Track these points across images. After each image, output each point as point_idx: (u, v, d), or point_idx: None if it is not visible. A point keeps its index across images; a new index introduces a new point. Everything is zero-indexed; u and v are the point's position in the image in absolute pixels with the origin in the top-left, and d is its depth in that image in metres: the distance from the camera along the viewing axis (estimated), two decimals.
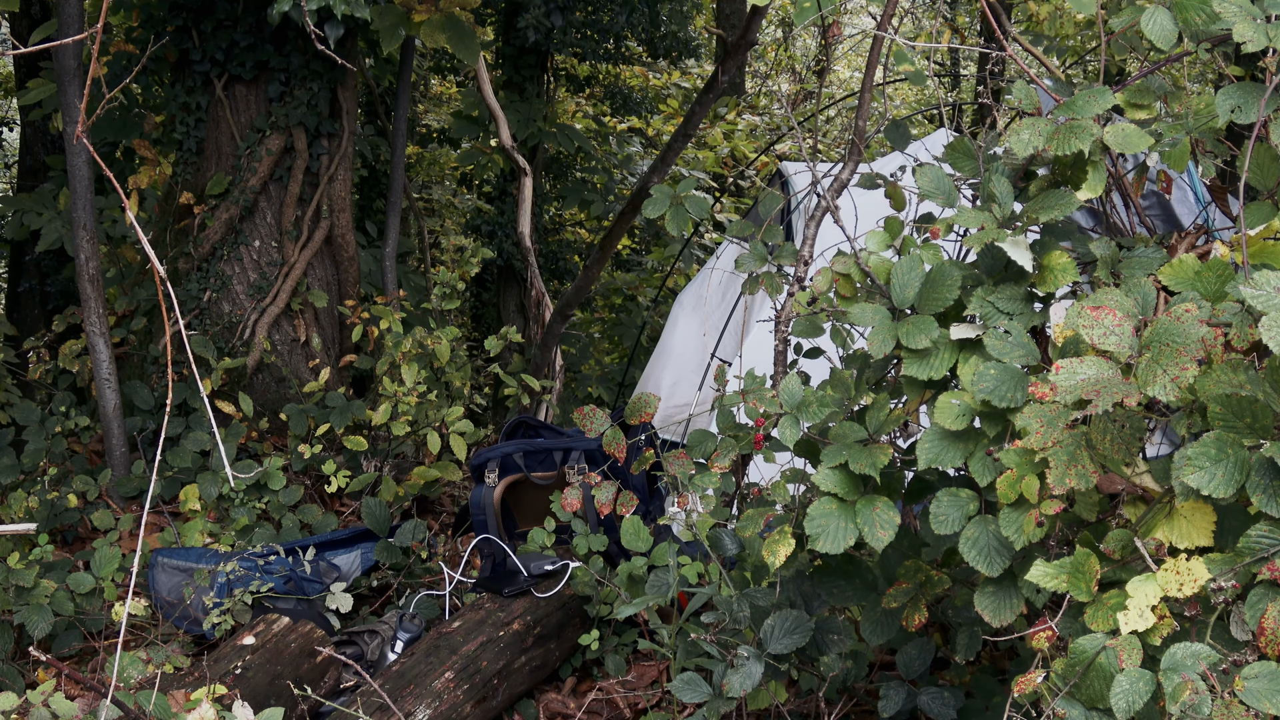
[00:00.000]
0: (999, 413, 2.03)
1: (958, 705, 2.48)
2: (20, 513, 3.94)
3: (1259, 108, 2.01)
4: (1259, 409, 1.69)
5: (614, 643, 3.42)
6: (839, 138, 10.40)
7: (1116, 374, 1.76)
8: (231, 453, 4.35)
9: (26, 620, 3.33)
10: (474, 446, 5.00)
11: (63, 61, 3.96)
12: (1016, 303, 2.18)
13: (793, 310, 2.55)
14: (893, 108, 10.53)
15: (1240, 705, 1.62)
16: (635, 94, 8.24)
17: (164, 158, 4.82)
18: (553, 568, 3.46)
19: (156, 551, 3.76)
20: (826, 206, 2.67)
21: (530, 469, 3.91)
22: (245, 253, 4.75)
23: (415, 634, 3.40)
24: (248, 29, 4.55)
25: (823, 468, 2.21)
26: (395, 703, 2.86)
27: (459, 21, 4.50)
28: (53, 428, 4.28)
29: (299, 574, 3.65)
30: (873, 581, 2.49)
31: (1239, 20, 1.99)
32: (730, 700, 2.45)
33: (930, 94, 10.91)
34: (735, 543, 2.85)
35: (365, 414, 4.44)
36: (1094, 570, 1.86)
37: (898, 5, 2.92)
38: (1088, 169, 2.19)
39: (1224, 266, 1.94)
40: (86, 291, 4.12)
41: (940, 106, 3.20)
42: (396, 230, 5.29)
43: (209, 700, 2.44)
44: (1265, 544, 1.71)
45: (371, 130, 6.63)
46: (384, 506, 3.83)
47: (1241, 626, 1.74)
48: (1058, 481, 1.84)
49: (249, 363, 4.66)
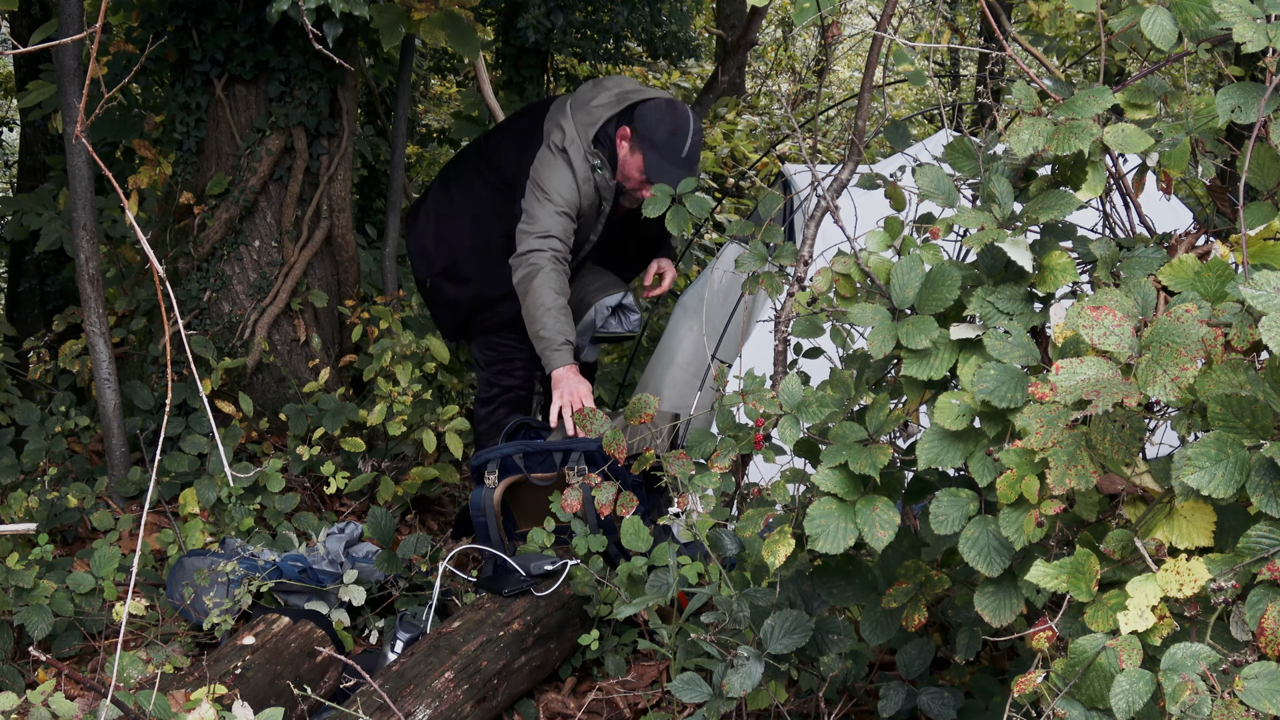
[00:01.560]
0: (999, 413, 2.03)
1: (958, 705, 2.48)
2: (20, 513, 3.94)
3: (1259, 108, 2.01)
4: (1259, 409, 1.69)
5: (614, 643, 3.43)
6: (839, 138, 10.40)
7: (1116, 374, 1.76)
8: (230, 454, 4.36)
9: (26, 620, 3.33)
10: (472, 446, 5.00)
11: (62, 61, 3.96)
12: (1016, 303, 2.18)
13: (793, 310, 2.55)
14: (893, 108, 10.54)
15: (1240, 705, 1.62)
16: None
17: (164, 158, 4.82)
18: (552, 567, 3.46)
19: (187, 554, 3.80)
20: (826, 207, 2.67)
21: (530, 470, 3.91)
22: (245, 253, 4.75)
23: (415, 634, 3.40)
24: (247, 29, 4.55)
25: (822, 468, 2.21)
26: (395, 703, 2.86)
27: (459, 19, 4.50)
28: (53, 428, 4.28)
29: (313, 566, 3.67)
30: (873, 581, 2.49)
31: (1239, 20, 1.99)
32: (730, 700, 2.45)
33: (930, 94, 10.92)
34: (735, 543, 2.85)
35: (359, 415, 4.44)
36: (1094, 570, 1.86)
37: (898, 5, 2.92)
38: (1088, 169, 2.19)
39: (1224, 266, 1.94)
40: (86, 291, 4.12)
41: (940, 106, 3.20)
42: (396, 230, 5.29)
43: (209, 700, 2.44)
44: (1265, 544, 1.71)
45: (371, 130, 6.63)
46: (390, 517, 3.84)
47: (1241, 626, 1.74)
48: (1058, 482, 1.84)
49: (249, 363, 4.66)
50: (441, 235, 4.27)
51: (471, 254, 4.21)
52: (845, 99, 9.63)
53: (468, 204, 4.23)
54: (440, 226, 4.28)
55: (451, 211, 4.27)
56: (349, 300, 4.92)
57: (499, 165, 4.19)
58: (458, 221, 4.25)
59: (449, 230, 4.26)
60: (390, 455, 4.56)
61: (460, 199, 4.26)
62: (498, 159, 4.21)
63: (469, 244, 4.21)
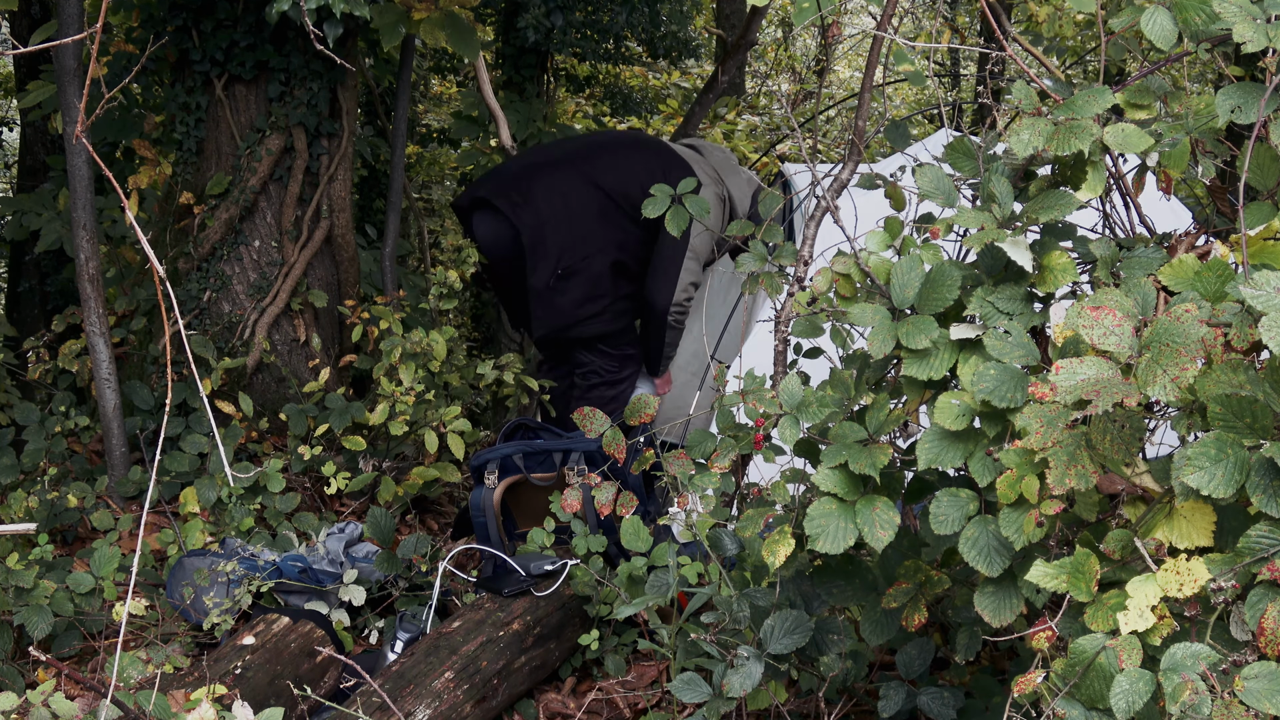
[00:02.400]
0: (999, 413, 2.03)
1: (958, 705, 2.48)
2: (20, 513, 3.94)
3: (1259, 108, 2.01)
4: (1259, 409, 1.69)
5: (614, 643, 3.43)
6: (839, 138, 10.40)
7: (1116, 374, 1.76)
8: (230, 453, 4.35)
9: (26, 620, 3.33)
10: (473, 447, 5.00)
11: (62, 62, 3.96)
12: (1016, 303, 2.18)
13: (793, 310, 2.55)
14: (893, 108, 10.54)
15: (1240, 705, 1.62)
16: (635, 94, 8.24)
17: (164, 158, 4.82)
18: (552, 567, 3.46)
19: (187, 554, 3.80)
20: (826, 207, 2.67)
21: (530, 470, 3.91)
22: (245, 253, 4.75)
23: (415, 634, 3.40)
24: (247, 29, 4.55)
25: (822, 468, 2.21)
26: (395, 703, 2.86)
27: (459, 19, 4.50)
28: (52, 428, 4.28)
29: (313, 566, 3.67)
30: (873, 581, 2.49)
31: (1239, 20, 1.99)
32: (730, 700, 2.45)
33: (930, 94, 10.91)
34: (735, 543, 2.85)
35: (364, 415, 4.44)
36: (1094, 570, 1.86)
37: (898, 5, 2.92)
38: (1088, 169, 2.19)
39: (1224, 266, 1.94)
40: (86, 291, 4.12)
41: (940, 106, 3.20)
42: (396, 230, 5.29)
43: (209, 700, 2.44)
44: (1265, 544, 1.71)
45: (371, 130, 6.62)
46: (389, 517, 3.84)
47: (1241, 626, 1.74)
48: (1058, 482, 1.84)
49: (249, 363, 4.66)
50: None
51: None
52: (845, 99, 9.63)
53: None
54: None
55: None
56: (349, 300, 4.92)
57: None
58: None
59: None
60: (391, 455, 4.56)
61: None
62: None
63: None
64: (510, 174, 4.62)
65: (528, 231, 4.43)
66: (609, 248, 4.43)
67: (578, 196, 4.45)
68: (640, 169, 4.46)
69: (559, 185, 4.49)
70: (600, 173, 4.48)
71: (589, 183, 4.46)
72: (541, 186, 4.49)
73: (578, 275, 4.42)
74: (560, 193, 4.46)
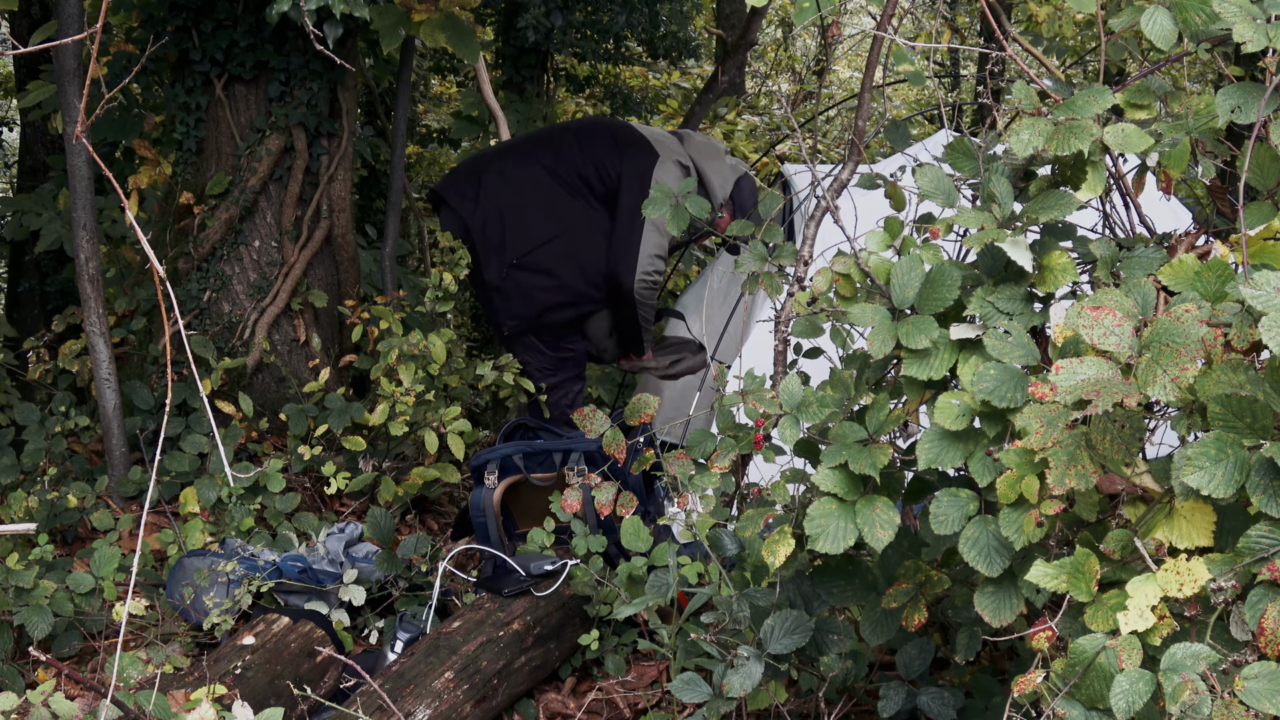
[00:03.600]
0: (999, 413, 2.03)
1: (958, 705, 2.48)
2: (20, 513, 3.94)
3: (1259, 108, 2.01)
4: (1259, 409, 1.69)
5: (614, 643, 3.43)
6: (839, 138, 10.39)
7: (1116, 374, 1.76)
8: (230, 453, 4.35)
9: (26, 620, 3.33)
10: (473, 447, 5.00)
11: (62, 62, 3.96)
12: (1016, 303, 2.18)
13: (793, 310, 2.55)
14: (893, 108, 10.54)
15: (1240, 705, 1.62)
16: (635, 94, 8.23)
17: (164, 158, 4.82)
18: (552, 567, 3.46)
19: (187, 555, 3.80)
20: (826, 207, 2.67)
21: (530, 470, 3.91)
22: (245, 253, 4.75)
23: (414, 634, 3.40)
24: (247, 29, 4.55)
25: (822, 468, 2.21)
26: (395, 703, 2.86)
27: (459, 21, 4.50)
28: (52, 428, 4.28)
29: (313, 566, 3.67)
30: (873, 581, 2.49)
31: (1239, 20, 1.99)
32: (730, 700, 2.45)
33: (930, 94, 10.91)
34: (735, 543, 2.85)
35: (364, 415, 4.44)
36: (1094, 570, 1.86)
37: (898, 5, 2.92)
38: (1088, 169, 2.19)
39: (1224, 266, 1.94)
40: (86, 291, 4.12)
41: (940, 107, 3.20)
42: (396, 230, 5.29)
43: (209, 700, 2.44)
44: (1265, 544, 1.71)
45: (371, 130, 6.62)
46: (389, 517, 3.84)
47: (1241, 626, 1.74)
48: (1058, 482, 1.84)
49: (249, 363, 4.66)
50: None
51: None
52: (845, 99, 9.63)
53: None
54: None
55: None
56: (349, 300, 4.92)
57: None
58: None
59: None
60: (391, 455, 4.56)
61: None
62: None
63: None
64: (464, 169, 4.66)
65: (476, 226, 4.45)
66: (567, 233, 4.41)
67: (529, 184, 4.44)
68: (593, 147, 4.45)
69: (510, 175, 4.49)
70: (552, 158, 4.47)
71: (541, 169, 4.45)
72: (491, 178, 4.50)
73: (530, 266, 4.42)
74: (510, 182, 4.46)
